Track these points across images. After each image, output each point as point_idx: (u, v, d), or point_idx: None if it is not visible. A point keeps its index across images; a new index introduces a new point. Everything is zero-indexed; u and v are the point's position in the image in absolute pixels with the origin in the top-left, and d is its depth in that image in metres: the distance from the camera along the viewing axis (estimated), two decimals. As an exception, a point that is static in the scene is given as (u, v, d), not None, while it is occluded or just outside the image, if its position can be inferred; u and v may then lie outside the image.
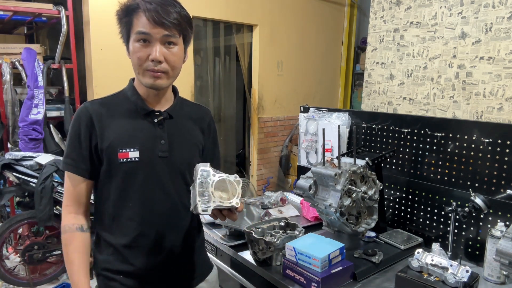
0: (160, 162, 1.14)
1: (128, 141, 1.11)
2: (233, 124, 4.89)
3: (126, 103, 1.16)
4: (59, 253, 2.84)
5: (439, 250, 1.50)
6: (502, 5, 2.59)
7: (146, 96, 1.17)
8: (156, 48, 1.06)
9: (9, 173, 2.70)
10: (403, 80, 3.26)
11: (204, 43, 4.29)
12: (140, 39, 1.06)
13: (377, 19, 3.44)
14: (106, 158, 1.11)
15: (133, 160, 1.11)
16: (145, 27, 1.04)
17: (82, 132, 1.11)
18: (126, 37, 1.11)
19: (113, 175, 1.12)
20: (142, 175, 1.12)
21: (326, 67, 5.21)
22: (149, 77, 1.09)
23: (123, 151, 1.10)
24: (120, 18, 1.10)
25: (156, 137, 1.15)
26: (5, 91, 3.00)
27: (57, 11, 3.16)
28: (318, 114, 2.35)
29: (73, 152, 1.11)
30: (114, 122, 1.13)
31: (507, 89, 2.61)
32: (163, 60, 1.07)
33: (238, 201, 1.01)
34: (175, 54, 1.10)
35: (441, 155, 1.70)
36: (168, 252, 1.17)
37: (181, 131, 1.20)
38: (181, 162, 1.18)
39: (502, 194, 1.50)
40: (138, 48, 1.07)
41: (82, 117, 1.11)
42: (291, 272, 1.37)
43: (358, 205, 1.53)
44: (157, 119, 1.16)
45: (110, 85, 3.47)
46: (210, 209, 0.99)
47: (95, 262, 1.19)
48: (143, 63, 1.08)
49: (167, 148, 1.15)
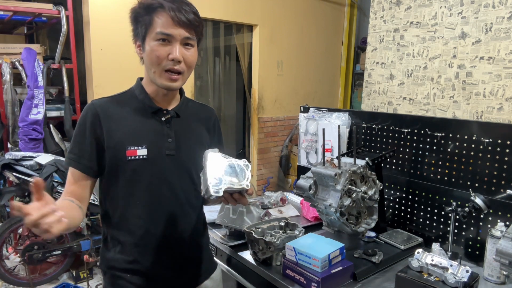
0: (167, 160, 1.15)
1: (136, 139, 1.12)
2: (233, 124, 4.89)
3: (134, 102, 1.17)
4: (59, 253, 2.85)
5: (439, 250, 1.50)
6: (502, 5, 2.59)
7: (154, 95, 1.17)
8: (176, 48, 1.07)
9: (9, 173, 2.70)
10: (403, 80, 3.26)
11: (204, 43, 4.29)
12: (160, 38, 1.06)
13: (377, 19, 3.44)
14: (113, 155, 1.10)
15: (141, 157, 1.11)
16: (167, 27, 1.05)
17: (87, 128, 1.10)
18: (142, 36, 1.10)
19: (120, 172, 1.11)
20: (149, 173, 1.13)
21: (326, 67, 5.22)
22: (165, 79, 1.10)
23: (131, 149, 1.10)
24: (137, 16, 1.10)
25: (164, 135, 1.15)
26: (5, 91, 3.00)
27: (57, 11, 3.16)
28: (318, 114, 2.35)
29: (77, 148, 1.11)
30: (122, 120, 1.13)
31: (507, 89, 2.61)
32: (182, 60, 1.08)
33: (248, 183, 1.03)
34: (192, 55, 1.12)
35: (441, 155, 1.70)
36: (175, 250, 1.18)
37: (187, 130, 1.21)
38: (187, 161, 1.18)
39: (502, 194, 1.50)
40: (157, 47, 1.07)
41: (88, 114, 1.11)
42: (291, 272, 1.37)
43: (358, 205, 1.53)
44: (164, 117, 1.16)
45: (110, 85, 3.49)
46: (222, 190, 0.99)
47: (102, 260, 1.20)
48: (162, 62, 1.08)
49: (174, 147, 1.16)
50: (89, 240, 2.91)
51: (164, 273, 1.17)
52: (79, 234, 2.96)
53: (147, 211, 1.14)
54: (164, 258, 1.17)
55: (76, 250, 2.89)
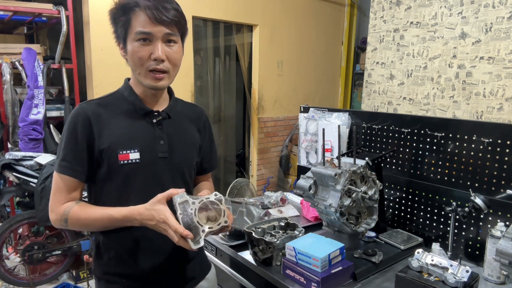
0: (160, 163, 1.13)
1: (128, 142, 1.09)
2: (233, 124, 4.89)
3: (123, 104, 1.14)
4: (59, 253, 2.85)
5: (439, 250, 1.50)
6: (502, 5, 2.59)
7: (143, 96, 1.15)
8: (158, 46, 1.04)
9: (9, 173, 2.70)
10: (403, 80, 3.26)
11: (204, 43, 4.29)
12: (141, 38, 1.04)
13: (377, 19, 3.44)
14: (106, 159, 1.08)
15: (133, 161, 1.09)
16: (146, 26, 1.02)
17: (79, 133, 1.07)
18: (123, 37, 1.08)
19: (113, 177, 1.09)
20: (142, 177, 1.11)
21: (326, 67, 5.21)
22: (150, 79, 1.07)
23: (123, 153, 1.08)
24: (115, 18, 1.08)
25: (156, 138, 1.13)
26: (5, 91, 3.00)
27: (57, 11, 3.16)
28: (318, 114, 2.35)
29: (70, 155, 1.07)
30: (113, 122, 1.10)
31: (507, 89, 2.61)
32: (166, 58, 1.06)
33: (226, 219, 1.01)
34: (176, 52, 1.09)
35: (441, 155, 1.70)
36: (169, 253, 1.17)
37: (179, 131, 1.20)
38: (180, 162, 1.17)
39: (502, 194, 1.50)
40: (138, 48, 1.04)
41: (78, 118, 1.07)
42: (291, 272, 1.37)
43: (358, 205, 1.53)
44: (156, 119, 1.14)
45: (110, 85, 3.44)
46: (202, 240, 0.97)
47: (95, 266, 1.18)
48: (145, 63, 1.05)
49: (167, 149, 1.14)
50: (89, 240, 2.91)
51: (159, 276, 1.16)
52: (79, 234, 2.96)
53: None
54: (158, 261, 1.15)
55: (76, 250, 2.89)
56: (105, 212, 1.05)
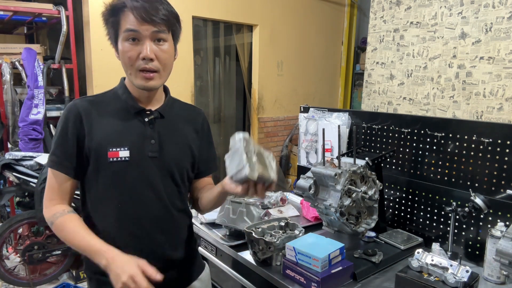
0: (150, 162, 1.12)
1: (118, 140, 1.09)
2: (233, 124, 4.89)
3: (116, 102, 1.14)
4: (59, 253, 2.84)
5: (439, 250, 1.50)
6: (502, 5, 2.59)
7: (137, 95, 1.15)
8: (146, 45, 1.03)
9: (9, 173, 2.70)
10: (403, 80, 3.26)
11: (204, 43, 4.29)
12: (129, 37, 1.04)
13: (377, 19, 3.44)
14: (95, 157, 1.08)
15: (123, 159, 1.08)
16: (133, 24, 1.02)
17: (69, 129, 1.08)
18: (114, 38, 1.08)
19: (101, 174, 1.09)
20: (131, 175, 1.10)
21: (326, 67, 5.22)
22: (141, 79, 1.07)
23: (113, 150, 1.07)
24: (106, 19, 1.08)
25: (146, 137, 1.13)
26: (5, 91, 3.00)
27: (57, 11, 3.16)
28: (318, 114, 2.35)
29: (59, 149, 1.08)
30: (104, 120, 1.10)
31: (507, 89, 2.61)
32: (154, 57, 1.05)
33: (275, 175, 0.99)
34: (166, 51, 1.08)
35: (441, 155, 1.70)
36: (160, 252, 1.16)
37: (172, 131, 1.18)
38: (170, 163, 1.16)
39: (502, 194, 1.50)
40: (127, 47, 1.04)
41: (70, 114, 1.08)
42: (291, 272, 1.37)
43: (358, 205, 1.53)
44: (147, 118, 1.14)
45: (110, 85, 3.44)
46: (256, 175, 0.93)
47: (86, 265, 1.17)
48: (134, 63, 1.05)
49: (157, 148, 1.13)
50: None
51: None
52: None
53: (129, 213, 1.11)
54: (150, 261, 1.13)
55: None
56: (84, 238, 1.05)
